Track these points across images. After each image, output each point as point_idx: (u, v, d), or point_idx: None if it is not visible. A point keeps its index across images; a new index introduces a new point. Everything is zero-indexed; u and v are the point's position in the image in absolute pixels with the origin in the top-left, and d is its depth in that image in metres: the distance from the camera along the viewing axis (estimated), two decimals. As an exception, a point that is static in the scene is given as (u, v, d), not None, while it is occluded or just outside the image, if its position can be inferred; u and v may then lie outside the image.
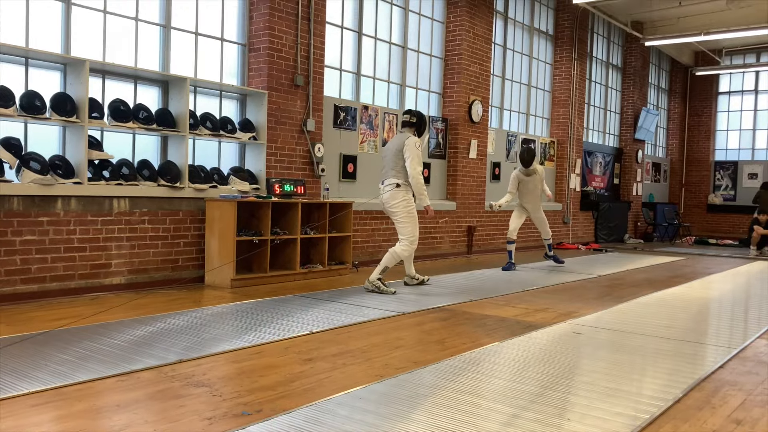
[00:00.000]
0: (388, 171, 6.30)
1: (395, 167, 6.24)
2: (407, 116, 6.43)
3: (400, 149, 6.21)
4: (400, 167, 6.23)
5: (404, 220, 6.26)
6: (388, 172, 6.29)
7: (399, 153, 6.22)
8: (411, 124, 6.38)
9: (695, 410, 3.02)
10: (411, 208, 6.29)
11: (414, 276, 6.72)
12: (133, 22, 6.12)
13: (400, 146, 6.23)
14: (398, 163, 6.23)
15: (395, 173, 6.24)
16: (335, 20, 8.20)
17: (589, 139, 14.32)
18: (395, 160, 6.24)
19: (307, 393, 3.08)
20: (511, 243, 8.54)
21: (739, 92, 18.09)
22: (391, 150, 6.31)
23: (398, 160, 6.22)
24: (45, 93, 5.29)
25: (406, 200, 6.26)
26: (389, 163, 6.30)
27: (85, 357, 3.54)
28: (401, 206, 6.24)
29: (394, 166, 6.25)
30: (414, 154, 6.15)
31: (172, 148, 6.30)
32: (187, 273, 6.30)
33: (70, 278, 5.41)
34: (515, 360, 3.82)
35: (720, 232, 17.41)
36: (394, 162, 6.24)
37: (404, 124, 6.42)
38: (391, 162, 6.28)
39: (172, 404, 2.87)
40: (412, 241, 6.32)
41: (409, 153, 6.15)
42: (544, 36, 12.52)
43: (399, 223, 6.30)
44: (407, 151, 6.16)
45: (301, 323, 4.61)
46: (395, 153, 6.24)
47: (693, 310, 5.79)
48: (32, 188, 5.08)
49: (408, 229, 6.28)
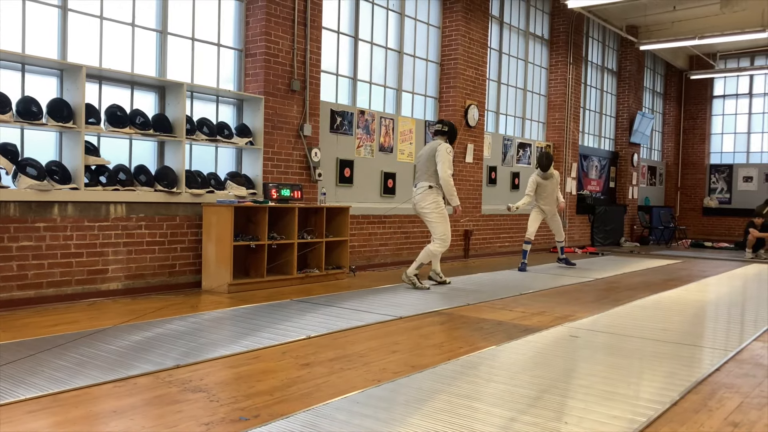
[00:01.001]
0: (421, 175, 6.74)
1: (427, 171, 6.67)
2: (440, 125, 6.89)
3: (433, 155, 6.62)
4: (432, 171, 6.64)
5: (436, 220, 6.66)
6: (421, 176, 6.73)
7: (431, 158, 6.63)
8: (443, 132, 6.83)
9: (692, 413, 3.02)
10: (442, 209, 6.70)
11: (438, 273, 7.08)
12: (130, 27, 6.13)
13: (432, 152, 6.64)
14: (430, 167, 6.64)
15: (427, 177, 6.67)
16: (331, 25, 8.22)
17: (584, 142, 14.35)
18: (428, 164, 6.66)
19: (305, 398, 3.08)
20: (528, 243, 8.95)
21: (733, 96, 18.16)
22: (424, 156, 6.74)
23: (430, 165, 6.63)
24: (41, 99, 5.29)
25: (437, 202, 6.68)
26: (422, 167, 6.73)
27: (82, 363, 3.54)
28: (432, 207, 6.66)
29: (427, 170, 6.67)
30: (445, 159, 6.55)
31: (168, 154, 6.30)
32: (184, 278, 6.29)
33: (66, 284, 5.40)
34: (512, 364, 3.82)
35: (715, 235, 17.46)
36: (427, 167, 6.67)
37: (436, 133, 6.87)
38: (423, 167, 6.71)
39: (169, 410, 2.86)
40: (445, 239, 6.70)
41: (441, 158, 6.56)
42: (539, 40, 12.57)
43: (431, 223, 6.70)
44: (439, 156, 6.56)
45: (298, 328, 4.61)
46: (428, 158, 6.67)
47: (689, 313, 5.81)
48: (29, 194, 5.08)
49: (440, 228, 6.67)
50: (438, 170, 6.56)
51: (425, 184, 6.67)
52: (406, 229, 9.08)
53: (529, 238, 8.97)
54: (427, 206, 6.66)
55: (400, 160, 9.18)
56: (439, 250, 6.73)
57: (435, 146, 6.66)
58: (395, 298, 6.12)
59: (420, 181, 6.74)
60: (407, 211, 9.04)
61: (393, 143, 9.03)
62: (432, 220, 6.67)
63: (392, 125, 8.99)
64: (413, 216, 9.16)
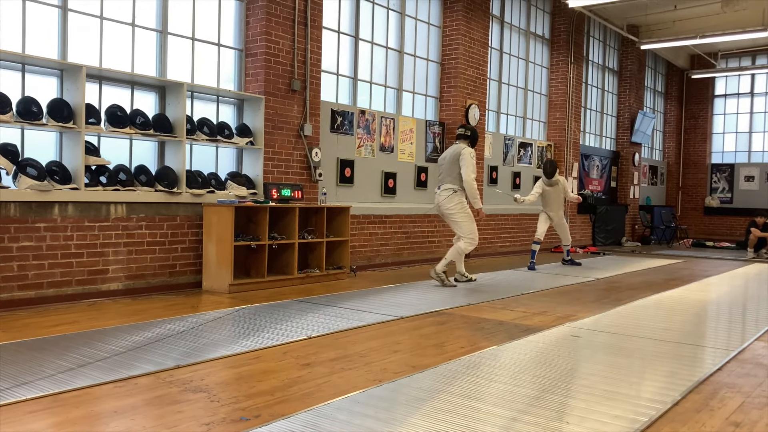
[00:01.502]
0: (445, 177, 6.95)
1: (451, 174, 6.89)
2: (462, 130, 7.14)
3: (456, 159, 6.85)
4: (456, 174, 6.86)
5: (462, 219, 6.90)
6: (445, 179, 6.95)
7: (455, 162, 6.85)
8: (466, 137, 7.08)
9: (693, 413, 3.02)
10: (466, 209, 6.94)
11: (463, 273, 7.23)
12: (130, 27, 6.12)
13: (456, 156, 6.86)
14: (454, 170, 6.86)
15: (451, 179, 6.89)
16: (332, 25, 8.21)
17: (585, 142, 14.34)
18: (451, 168, 6.89)
19: (306, 398, 3.07)
20: (537, 243, 9.14)
21: (734, 95, 18.14)
22: (448, 159, 6.95)
23: (454, 168, 6.86)
24: (42, 99, 5.29)
25: (461, 203, 6.92)
26: (446, 170, 6.95)
27: (83, 363, 3.53)
28: (457, 208, 6.90)
29: (450, 173, 6.89)
30: (469, 163, 6.79)
31: (169, 154, 6.30)
32: (184, 278, 6.29)
33: (67, 284, 5.40)
34: (514, 363, 3.82)
35: (717, 234, 17.44)
36: (450, 170, 6.89)
37: (459, 137, 7.10)
38: (447, 170, 6.93)
39: (169, 410, 2.86)
40: (473, 238, 6.92)
41: (465, 162, 6.79)
42: (540, 40, 12.56)
43: (457, 224, 6.92)
44: (463, 160, 6.80)
45: (299, 328, 4.60)
46: (451, 162, 6.89)
47: (691, 313, 5.80)
48: (29, 194, 5.08)
49: (467, 227, 6.90)
50: (462, 173, 6.78)
51: (449, 186, 6.88)
52: (407, 229, 9.08)
53: (539, 239, 9.17)
54: (452, 207, 6.89)
55: (400, 160, 9.17)
56: (469, 248, 6.96)
57: (459, 150, 6.86)
58: (396, 298, 6.12)
59: (443, 183, 6.96)
60: (408, 211, 9.04)
61: (394, 143, 9.02)
62: (458, 220, 6.90)
63: (393, 125, 8.98)
64: (414, 216, 9.16)
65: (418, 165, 9.47)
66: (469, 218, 6.92)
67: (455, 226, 6.96)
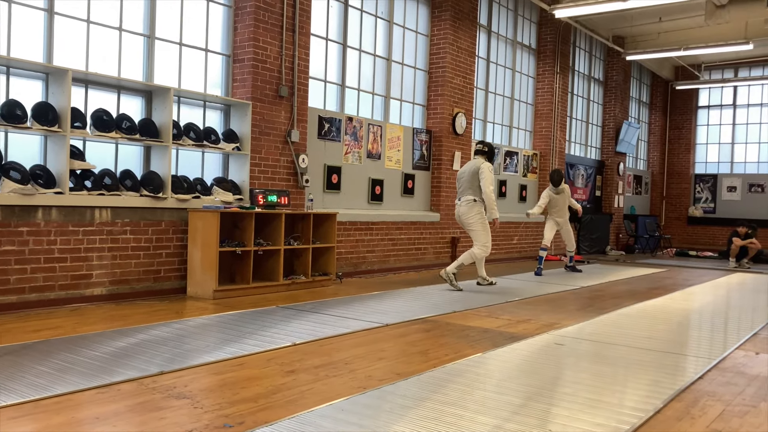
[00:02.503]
0: (465, 190, 7.51)
1: (471, 187, 7.46)
2: (480, 146, 7.70)
3: (476, 172, 7.42)
4: (476, 187, 7.43)
5: (479, 228, 7.47)
6: (466, 191, 7.51)
7: (474, 175, 7.43)
8: (484, 152, 7.66)
9: (675, 421, 3.04)
10: (484, 220, 7.50)
11: (485, 277, 7.76)
12: (117, 32, 6.10)
13: (475, 170, 7.44)
14: (474, 183, 7.43)
15: (472, 192, 7.46)
16: (320, 32, 8.23)
17: (571, 151, 14.45)
18: (471, 180, 7.45)
19: (290, 405, 3.06)
20: (544, 250, 9.55)
21: (718, 106, 18.38)
22: (467, 173, 7.52)
23: (474, 181, 7.42)
24: (26, 102, 5.25)
25: (480, 213, 7.47)
26: (465, 183, 7.50)
27: (65, 369, 3.50)
28: (476, 218, 7.47)
29: (471, 186, 7.46)
30: (488, 177, 7.37)
31: (155, 159, 6.27)
32: (169, 284, 6.25)
33: (50, 289, 5.35)
34: (498, 371, 3.83)
35: (700, 244, 17.61)
36: (470, 182, 7.46)
37: (477, 152, 7.69)
38: (467, 182, 7.49)
39: (152, 416, 2.84)
40: (487, 246, 7.53)
41: (485, 175, 7.38)
42: (526, 50, 12.65)
43: (474, 232, 7.50)
44: (482, 173, 7.39)
45: (283, 335, 4.59)
46: (471, 175, 7.46)
47: (673, 322, 5.85)
48: (12, 198, 5.03)
49: (483, 237, 7.48)
50: (481, 186, 7.35)
51: (470, 198, 7.44)
52: (394, 236, 9.09)
53: (546, 245, 9.60)
54: (471, 217, 7.45)
55: (387, 167, 9.19)
56: (481, 255, 7.52)
57: (478, 164, 7.46)
58: (381, 305, 6.12)
59: (464, 195, 7.52)
60: (395, 218, 9.05)
61: (381, 150, 9.04)
62: (476, 229, 7.46)
63: (380, 132, 9.00)
64: (400, 223, 9.18)
65: (405, 172, 9.49)
66: (486, 229, 7.49)
67: (473, 234, 7.52)
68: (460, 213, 7.59)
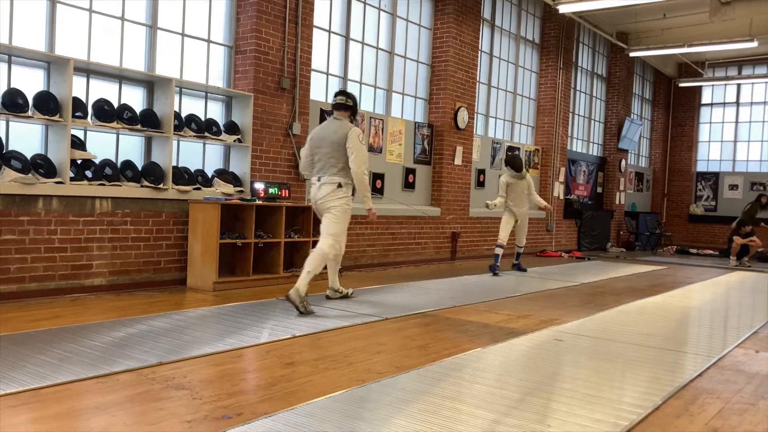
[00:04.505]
0: (327, 166, 5.41)
1: (337, 164, 5.39)
2: (343, 98, 5.51)
3: (341, 143, 5.35)
4: (343, 163, 5.38)
5: (340, 219, 5.45)
6: (327, 168, 5.41)
7: (340, 147, 5.35)
8: (347, 107, 5.51)
9: (674, 418, 3.04)
10: (349, 209, 5.53)
11: (337, 288, 5.94)
12: (119, 21, 6.08)
13: (341, 139, 5.35)
14: (339, 157, 5.37)
15: (337, 169, 5.40)
16: (323, 24, 8.20)
17: (573, 147, 14.43)
18: (335, 152, 5.37)
19: (288, 397, 3.06)
20: (500, 248, 8.68)
21: (721, 104, 18.33)
22: (328, 142, 5.39)
23: (339, 154, 5.36)
24: (28, 91, 5.23)
25: (347, 199, 5.47)
26: (326, 156, 5.40)
27: (64, 358, 3.50)
28: (341, 203, 5.42)
29: (335, 159, 5.38)
30: (359, 150, 5.32)
31: (156, 149, 6.26)
32: (169, 275, 6.25)
33: (50, 279, 5.35)
34: (497, 366, 3.83)
35: (701, 242, 17.60)
36: (334, 155, 5.37)
37: (339, 107, 5.50)
38: (328, 155, 5.39)
39: (151, 407, 2.84)
40: (339, 243, 5.50)
41: (354, 149, 5.30)
42: (530, 45, 12.61)
43: (330, 221, 5.41)
44: (352, 145, 5.30)
45: (283, 327, 4.59)
46: (336, 146, 5.36)
47: (673, 319, 5.85)
48: (13, 187, 5.02)
49: (337, 227, 5.45)
50: (351, 164, 5.36)
51: (335, 180, 5.43)
52: (394, 230, 9.08)
53: (502, 243, 8.65)
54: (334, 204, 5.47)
55: (389, 161, 9.17)
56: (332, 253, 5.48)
57: (345, 131, 5.38)
58: (381, 298, 6.12)
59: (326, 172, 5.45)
60: (395, 212, 9.04)
61: (382, 144, 9.02)
62: (334, 218, 5.47)
63: (382, 126, 8.98)
64: (401, 217, 9.17)
65: (406, 166, 9.47)
66: (346, 220, 5.53)
67: (327, 223, 5.45)
68: (318, 196, 5.45)
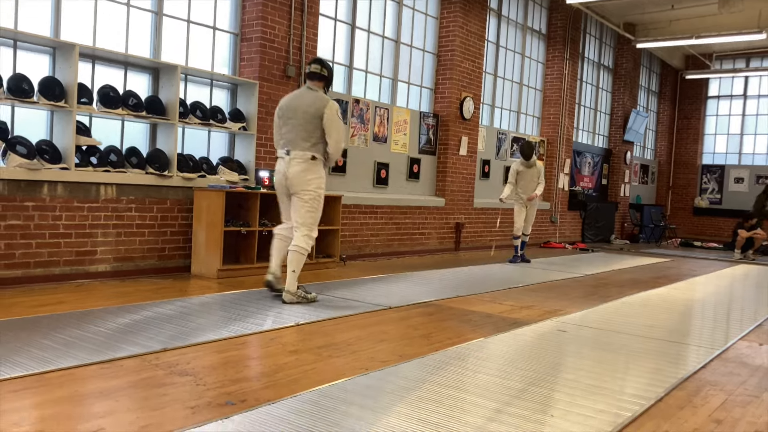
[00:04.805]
0: (298, 139, 4.92)
1: (309, 138, 4.90)
2: (318, 66, 5.05)
3: (318, 116, 4.89)
4: (316, 138, 4.90)
5: (314, 207, 4.98)
6: (298, 141, 4.92)
7: (315, 120, 4.89)
8: (322, 77, 5.05)
9: (677, 409, 3.04)
10: (323, 192, 5.04)
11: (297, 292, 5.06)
12: (125, 7, 6.06)
13: (317, 112, 4.89)
14: (314, 132, 4.90)
15: (311, 145, 4.91)
16: (329, 12, 8.16)
17: (578, 139, 14.37)
18: (308, 125, 4.90)
19: (292, 384, 3.07)
20: (517, 239, 8.94)
21: (728, 97, 18.22)
22: (301, 113, 4.93)
23: (313, 128, 4.90)
24: (33, 76, 5.23)
25: (322, 180, 4.98)
26: (299, 128, 4.92)
27: (68, 343, 3.51)
28: (314, 185, 4.93)
29: (308, 136, 4.91)
30: (339, 128, 4.91)
31: (161, 136, 6.26)
32: (173, 262, 6.26)
33: (54, 264, 5.36)
34: (500, 356, 3.83)
35: (705, 235, 17.56)
36: (307, 128, 4.90)
37: (313, 76, 5.04)
38: (301, 127, 4.92)
39: (155, 392, 2.85)
40: (314, 233, 5.04)
41: (333, 126, 4.88)
42: (537, 35, 12.54)
43: (304, 209, 4.94)
44: (330, 120, 4.87)
45: (286, 315, 4.60)
46: (310, 118, 4.90)
47: (677, 311, 5.84)
48: (18, 172, 5.03)
49: (311, 217, 4.98)
50: (329, 140, 4.94)
51: (308, 154, 4.95)
52: (398, 220, 9.07)
53: (518, 234, 8.95)
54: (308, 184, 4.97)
55: (393, 151, 9.15)
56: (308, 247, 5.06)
57: (322, 103, 4.92)
58: (384, 288, 6.12)
59: (296, 146, 4.95)
60: (399, 202, 9.03)
61: (387, 133, 9.00)
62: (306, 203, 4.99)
63: (387, 115, 8.96)
64: (405, 207, 9.16)
65: (411, 156, 9.45)
66: (321, 206, 5.05)
67: (299, 210, 4.95)
68: (289, 174, 4.91)
